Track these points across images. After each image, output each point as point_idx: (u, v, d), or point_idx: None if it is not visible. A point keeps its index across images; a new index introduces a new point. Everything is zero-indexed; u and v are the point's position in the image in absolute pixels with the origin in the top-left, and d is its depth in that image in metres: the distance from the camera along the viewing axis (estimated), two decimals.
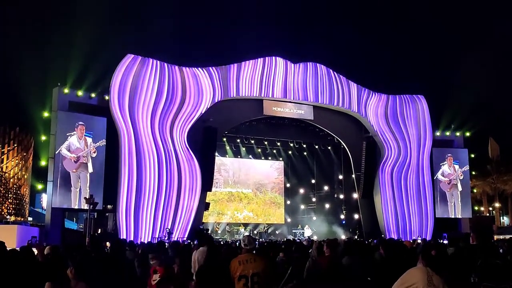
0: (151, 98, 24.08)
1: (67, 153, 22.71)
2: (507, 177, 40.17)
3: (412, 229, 29.54)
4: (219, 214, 32.94)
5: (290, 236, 30.92)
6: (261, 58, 27.62)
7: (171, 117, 24.60)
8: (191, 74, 25.50)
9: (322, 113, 29.44)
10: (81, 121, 23.09)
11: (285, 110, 28.56)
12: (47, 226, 22.91)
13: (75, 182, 22.80)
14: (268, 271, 5.76)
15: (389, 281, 6.07)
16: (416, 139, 30.81)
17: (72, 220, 40.45)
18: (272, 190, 35.80)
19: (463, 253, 6.40)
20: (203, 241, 8.76)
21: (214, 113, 25.81)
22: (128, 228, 22.80)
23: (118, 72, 23.50)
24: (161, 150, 24.02)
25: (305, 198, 36.13)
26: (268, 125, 29.44)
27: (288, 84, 28.07)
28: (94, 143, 23.25)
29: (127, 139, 23.29)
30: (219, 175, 32.72)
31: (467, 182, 32.66)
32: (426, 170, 30.84)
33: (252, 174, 35.32)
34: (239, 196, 34.48)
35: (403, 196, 29.83)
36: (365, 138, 30.39)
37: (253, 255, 5.89)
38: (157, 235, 22.95)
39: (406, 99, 31.42)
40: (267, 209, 35.13)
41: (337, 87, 29.30)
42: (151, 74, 24.22)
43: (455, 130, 33.08)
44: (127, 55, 24.03)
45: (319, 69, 29.09)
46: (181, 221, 24.25)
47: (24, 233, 20.86)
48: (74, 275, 5.89)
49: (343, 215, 32.56)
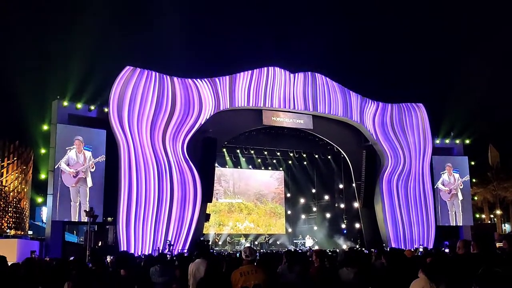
0: (150, 109, 24.12)
1: (66, 168, 22.63)
2: (507, 184, 40.19)
3: (414, 237, 29.46)
4: (219, 225, 32.87)
5: (291, 246, 30.84)
6: (259, 69, 27.70)
7: (171, 128, 24.61)
8: (191, 85, 25.57)
9: (322, 122, 29.48)
10: (80, 135, 23.07)
11: (284, 120, 28.60)
12: (47, 239, 22.83)
13: (75, 196, 22.66)
14: (269, 282, 5.75)
15: None
16: (416, 147, 30.80)
17: (72, 233, 40.32)
18: (273, 200, 35.74)
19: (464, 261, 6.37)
20: (200, 254, 8.68)
21: (213, 124, 25.83)
22: (128, 240, 22.73)
23: (117, 84, 23.56)
24: (160, 162, 24.02)
25: (306, 207, 36.07)
26: (268, 135, 29.49)
27: (287, 94, 28.13)
28: (93, 157, 23.18)
29: (126, 151, 23.30)
30: (219, 186, 32.69)
31: (468, 191, 32.59)
32: (427, 178, 30.82)
33: (252, 185, 35.28)
34: (239, 206, 34.42)
35: (404, 204, 29.76)
36: (365, 147, 30.41)
37: (254, 266, 5.89)
38: (157, 247, 22.85)
39: (406, 107, 31.47)
40: (267, 220, 35.06)
41: (336, 96, 29.35)
42: (150, 85, 24.27)
43: (454, 137, 33.10)
44: (126, 67, 24.10)
45: (317, 78, 29.15)
46: (182, 233, 24.18)
47: (24, 247, 20.81)
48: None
49: (344, 224, 32.48)
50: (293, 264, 8.14)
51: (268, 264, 7.45)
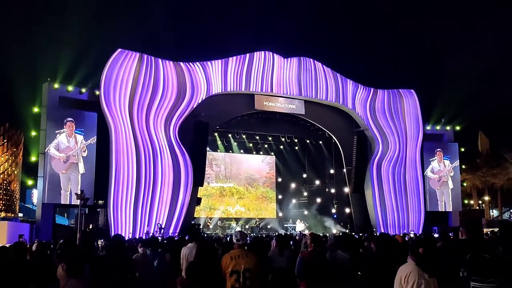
0: (142, 92, 23.97)
1: (56, 153, 22.25)
2: (496, 171, 40.50)
3: (403, 222, 29.71)
4: (211, 209, 32.95)
5: (281, 230, 31.00)
6: (252, 53, 27.60)
7: (163, 112, 24.50)
8: (183, 69, 25.42)
9: (313, 107, 29.48)
10: (71, 117, 22.89)
11: (276, 104, 28.57)
12: (38, 222, 22.81)
13: (66, 185, 22.32)
14: (259, 266, 5.78)
15: (380, 276, 6.11)
16: (407, 133, 30.91)
17: (63, 215, 40.29)
18: (264, 185, 35.85)
19: (452, 247, 6.45)
20: (192, 238, 8.75)
21: (205, 108, 25.76)
22: (119, 223, 22.74)
23: (108, 66, 23.37)
24: (153, 145, 23.94)
25: (297, 192, 36.20)
26: (260, 119, 29.48)
27: (279, 79, 28.06)
28: (85, 140, 23.04)
29: (118, 134, 23.18)
30: (210, 170, 32.71)
31: (458, 178, 32.85)
32: (418, 164, 31.03)
33: (244, 169, 35.34)
34: (230, 191, 34.49)
35: (394, 190, 29.97)
36: (356, 132, 30.50)
37: (245, 250, 5.91)
38: (148, 230, 22.88)
39: (397, 93, 31.52)
40: (258, 204, 35.20)
41: (328, 82, 29.32)
42: (142, 68, 24.10)
43: (445, 124, 33.27)
44: (118, 49, 23.89)
45: (310, 63, 29.09)
46: (173, 216, 24.22)
47: (14, 229, 20.78)
48: (66, 271, 5.87)
49: (334, 209, 32.69)
50: (283, 249, 8.20)
51: (259, 248, 7.50)
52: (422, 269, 4.82)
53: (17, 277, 6.02)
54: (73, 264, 5.86)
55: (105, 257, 7.36)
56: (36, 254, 7.91)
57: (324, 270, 6.60)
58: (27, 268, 6.29)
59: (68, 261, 5.91)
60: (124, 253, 7.08)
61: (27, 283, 6.14)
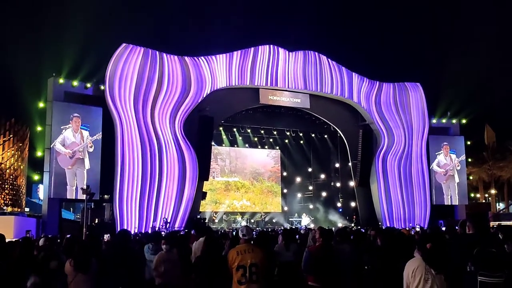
0: (147, 87, 23.94)
1: (62, 149, 22.28)
2: (503, 164, 40.36)
3: (408, 216, 29.65)
4: (216, 203, 33.02)
5: (287, 224, 31.04)
6: (256, 47, 27.49)
7: (168, 106, 24.47)
8: (188, 63, 25.37)
9: (318, 101, 29.39)
10: (77, 112, 22.92)
11: (281, 98, 28.50)
12: (44, 216, 22.89)
13: (71, 180, 22.34)
14: (266, 261, 5.78)
15: (387, 269, 6.11)
16: (413, 127, 30.78)
17: (69, 210, 40.47)
18: (269, 179, 35.87)
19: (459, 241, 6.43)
20: (201, 232, 8.79)
21: (210, 102, 25.72)
22: (125, 218, 22.80)
23: (113, 61, 23.34)
24: (158, 139, 23.95)
25: (302, 186, 36.19)
26: (265, 114, 29.42)
27: (284, 73, 27.97)
28: (91, 136, 23.08)
29: (124, 129, 23.20)
30: (215, 164, 32.76)
31: (464, 171, 32.72)
32: (423, 158, 30.89)
33: (249, 163, 35.37)
34: (236, 185, 34.54)
35: (400, 183, 29.88)
36: (362, 126, 30.38)
37: (251, 245, 5.91)
38: (154, 225, 22.93)
39: (403, 86, 31.36)
40: (264, 198, 35.24)
41: (333, 75, 29.21)
42: (147, 63, 24.05)
43: (451, 117, 33.10)
44: (122, 44, 23.86)
45: (315, 57, 28.98)
46: (179, 211, 24.27)
47: (21, 224, 20.89)
48: (73, 267, 5.90)
49: (339, 203, 32.67)
50: (289, 243, 8.21)
51: (265, 243, 7.50)
52: (429, 265, 4.80)
53: (24, 272, 6.04)
54: (80, 260, 5.89)
55: (109, 252, 7.39)
56: (44, 248, 7.93)
57: (333, 264, 6.61)
58: (34, 263, 6.31)
59: (75, 256, 5.94)
60: (129, 248, 7.10)
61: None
